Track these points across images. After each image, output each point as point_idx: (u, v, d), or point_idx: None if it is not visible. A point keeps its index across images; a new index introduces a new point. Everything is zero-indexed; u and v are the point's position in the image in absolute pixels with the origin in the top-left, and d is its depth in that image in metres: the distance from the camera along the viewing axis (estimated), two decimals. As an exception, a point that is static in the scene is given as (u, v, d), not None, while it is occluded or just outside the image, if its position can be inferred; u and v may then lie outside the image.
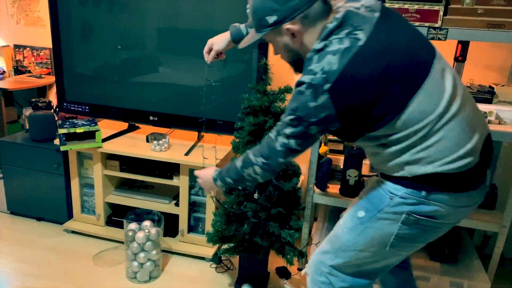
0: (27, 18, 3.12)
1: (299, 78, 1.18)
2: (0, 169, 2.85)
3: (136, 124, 2.67)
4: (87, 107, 2.56)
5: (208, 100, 2.27)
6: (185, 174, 2.30)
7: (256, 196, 1.99)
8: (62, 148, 2.34)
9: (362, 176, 2.17)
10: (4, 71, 3.12)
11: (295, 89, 1.19)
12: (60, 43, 2.51)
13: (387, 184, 1.27)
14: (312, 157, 2.13)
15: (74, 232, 2.58)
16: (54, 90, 3.06)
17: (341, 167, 2.27)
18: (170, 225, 2.44)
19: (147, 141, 2.47)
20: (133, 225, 2.15)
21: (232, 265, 2.35)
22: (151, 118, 2.44)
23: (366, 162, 2.21)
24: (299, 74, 1.27)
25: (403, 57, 1.14)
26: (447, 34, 1.82)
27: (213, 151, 2.29)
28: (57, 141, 2.46)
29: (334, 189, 2.24)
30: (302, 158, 2.62)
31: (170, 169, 2.38)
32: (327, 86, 1.11)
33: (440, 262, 2.20)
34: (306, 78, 1.15)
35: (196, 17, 2.23)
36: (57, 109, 2.68)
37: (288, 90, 1.94)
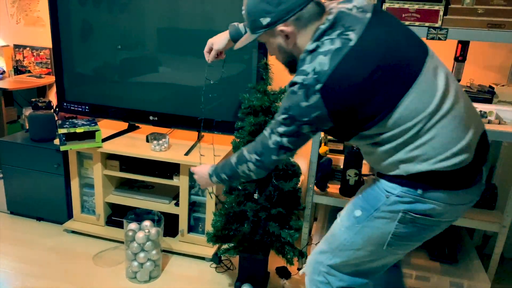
0: (27, 18, 3.12)
1: (292, 78, 1.20)
2: (0, 169, 2.85)
3: (136, 124, 2.67)
4: (87, 107, 2.56)
5: (208, 100, 2.27)
6: (185, 174, 2.30)
7: (256, 196, 1.99)
8: (62, 148, 2.34)
9: (362, 176, 2.17)
10: (4, 71, 3.12)
11: (288, 89, 1.21)
12: (60, 43, 2.50)
13: (383, 183, 1.28)
14: (312, 157, 2.13)
15: (74, 232, 2.58)
16: (54, 90, 3.06)
17: (341, 167, 2.27)
18: (170, 225, 2.44)
19: (147, 141, 2.47)
20: (133, 225, 2.15)
21: (232, 265, 2.35)
22: (151, 118, 2.44)
23: (366, 162, 2.21)
24: (294, 75, 1.29)
25: (393, 57, 1.16)
26: (447, 34, 1.82)
27: (212, 150, 2.29)
28: (57, 141, 2.46)
29: (334, 189, 2.24)
30: (302, 158, 2.63)
31: (170, 169, 2.38)
32: (318, 86, 1.13)
33: (440, 262, 2.20)
34: (298, 79, 1.17)
35: (196, 17, 2.23)
36: (57, 109, 2.68)
37: (289, 90, 1.94)
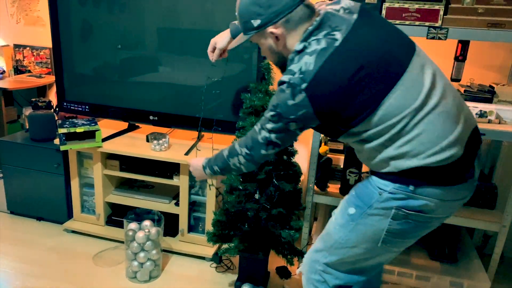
0: (27, 17, 3.12)
1: (281, 77, 1.24)
2: (0, 169, 2.85)
3: (136, 124, 2.67)
4: (87, 107, 2.55)
5: (209, 99, 2.27)
6: (185, 173, 2.30)
7: (257, 196, 1.99)
8: (62, 148, 2.34)
9: (362, 175, 2.17)
10: (4, 71, 3.12)
11: (278, 87, 1.25)
12: (60, 43, 2.50)
13: (375, 180, 1.30)
14: (312, 157, 2.13)
15: (74, 232, 2.58)
16: (54, 89, 3.06)
17: (341, 166, 2.28)
18: (170, 225, 2.44)
19: (147, 140, 2.47)
20: (133, 225, 2.15)
21: (232, 265, 2.35)
22: (151, 117, 2.44)
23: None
24: None
25: (378, 56, 1.19)
26: (447, 34, 1.82)
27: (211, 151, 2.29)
28: (57, 141, 2.46)
29: (334, 188, 2.24)
30: (302, 158, 2.63)
31: (170, 169, 2.38)
32: (304, 85, 1.17)
33: (440, 262, 2.21)
34: (286, 78, 1.21)
35: (196, 17, 2.23)
36: (57, 109, 2.68)
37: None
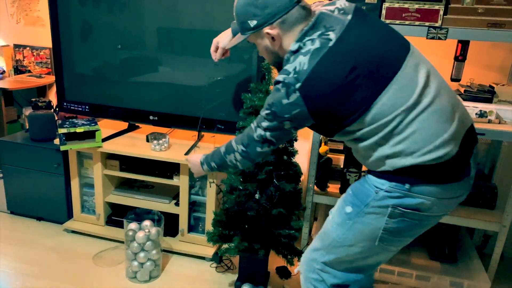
0: (27, 17, 3.12)
1: (277, 76, 1.27)
2: (0, 169, 2.85)
3: (136, 124, 2.67)
4: (87, 107, 2.55)
5: (210, 99, 2.27)
6: (185, 173, 2.30)
7: (257, 196, 1.99)
8: (62, 148, 2.34)
9: (362, 175, 2.17)
10: (4, 71, 3.12)
11: (273, 86, 1.27)
12: (60, 43, 2.50)
13: (372, 179, 1.31)
14: (312, 157, 2.13)
15: (74, 232, 2.58)
16: (54, 89, 3.06)
17: (341, 166, 2.28)
18: (170, 225, 2.44)
19: (147, 140, 2.47)
20: (133, 225, 2.15)
21: (232, 265, 2.35)
22: (151, 117, 2.44)
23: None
24: None
25: (372, 56, 1.20)
26: (447, 34, 1.82)
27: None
28: (57, 141, 2.46)
29: (334, 188, 2.24)
30: (302, 158, 2.63)
31: (170, 169, 2.38)
32: (298, 85, 1.20)
33: (440, 262, 2.21)
34: (281, 77, 1.24)
35: (196, 17, 2.22)
36: (57, 109, 2.68)
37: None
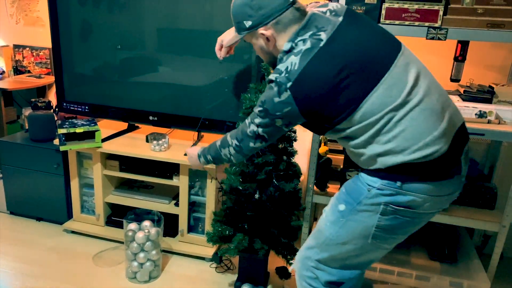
0: (26, 18, 3.12)
1: (270, 75, 1.30)
2: (-1, 169, 2.85)
3: (136, 124, 2.67)
4: (87, 107, 2.55)
5: (210, 100, 2.27)
6: (185, 174, 2.30)
7: (257, 196, 1.99)
8: (62, 148, 2.34)
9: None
10: (3, 71, 3.12)
11: (267, 85, 1.31)
12: (59, 43, 2.50)
13: (364, 177, 1.33)
14: (312, 157, 2.13)
15: (74, 232, 2.58)
16: (53, 90, 3.06)
17: (341, 166, 2.28)
18: (170, 225, 2.44)
19: (147, 141, 2.47)
20: (133, 225, 2.15)
21: (232, 265, 2.35)
22: (150, 118, 2.44)
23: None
24: None
25: (362, 56, 1.23)
26: (447, 34, 1.82)
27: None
28: (56, 141, 2.46)
29: (334, 189, 2.24)
30: (302, 159, 2.63)
31: (170, 169, 2.38)
32: (289, 84, 1.23)
33: (440, 262, 2.21)
34: (273, 76, 1.27)
35: (196, 17, 2.22)
36: (56, 109, 2.68)
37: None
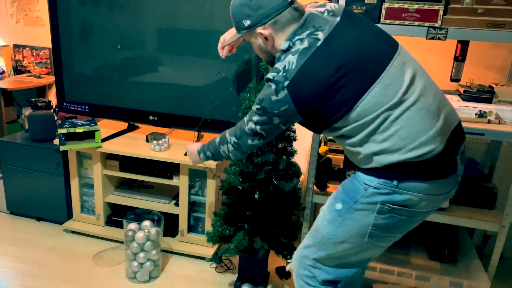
0: (26, 17, 3.12)
1: (268, 74, 1.31)
2: (-1, 169, 2.85)
3: (136, 124, 2.67)
4: (87, 107, 2.55)
5: (209, 100, 2.27)
6: (185, 174, 2.30)
7: (256, 196, 1.99)
8: (62, 148, 2.34)
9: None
10: (3, 71, 3.12)
11: (265, 83, 1.33)
12: (59, 43, 2.50)
13: (361, 176, 1.34)
14: (312, 157, 2.13)
15: (74, 232, 2.58)
16: (53, 90, 3.06)
17: (341, 166, 2.28)
18: (170, 225, 2.44)
19: (147, 141, 2.47)
20: (132, 225, 2.15)
21: (232, 265, 2.35)
22: (150, 118, 2.44)
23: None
24: None
25: (358, 56, 1.24)
26: (447, 34, 1.82)
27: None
28: (56, 141, 2.46)
29: (334, 189, 2.24)
30: (302, 158, 2.63)
31: (170, 169, 2.38)
32: (286, 83, 1.25)
33: (439, 262, 2.20)
34: (271, 75, 1.29)
35: (196, 17, 2.22)
36: (56, 109, 2.68)
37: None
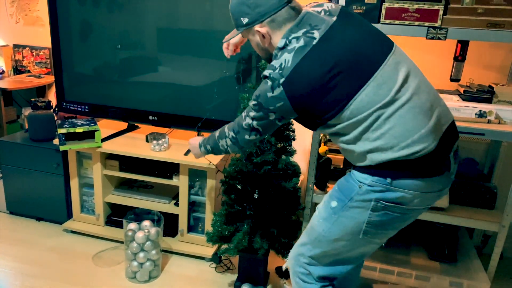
0: (26, 17, 3.12)
1: (265, 71, 1.33)
2: (-1, 169, 2.85)
3: (136, 124, 2.67)
4: (87, 107, 2.55)
5: (209, 100, 2.27)
6: (185, 174, 2.30)
7: (256, 196, 1.99)
8: (62, 148, 2.33)
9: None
10: (3, 71, 3.12)
11: (262, 79, 1.35)
12: (59, 43, 2.50)
13: (355, 174, 1.35)
14: (312, 157, 2.13)
15: (73, 232, 2.58)
16: (53, 89, 3.06)
17: (341, 166, 2.28)
18: (169, 225, 2.44)
19: (147, 141, 2.47)
20: (132, 225, 2.15)
21: (232, 265, 2.35)
22: (150, 118, 2.44)
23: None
24: None
25: (352, 54, 1.25)
26: (447, 34, 1.82)
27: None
28: (56, 141, 2.46)
29: (333, 188, 2.24)
30: (302, 158, 2.62)
31: (170, 169, 2.38)
32: (282, 80, 1.27)
33: (439, 261, 2.20)
34: (267, 72, 1.31)
35: (196, 17, 2.22)
36: (56, 109, 2.68)
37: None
